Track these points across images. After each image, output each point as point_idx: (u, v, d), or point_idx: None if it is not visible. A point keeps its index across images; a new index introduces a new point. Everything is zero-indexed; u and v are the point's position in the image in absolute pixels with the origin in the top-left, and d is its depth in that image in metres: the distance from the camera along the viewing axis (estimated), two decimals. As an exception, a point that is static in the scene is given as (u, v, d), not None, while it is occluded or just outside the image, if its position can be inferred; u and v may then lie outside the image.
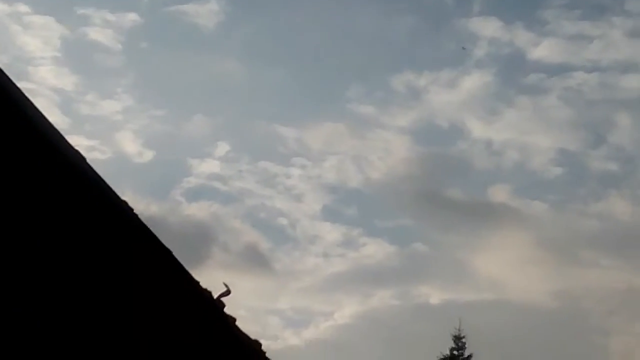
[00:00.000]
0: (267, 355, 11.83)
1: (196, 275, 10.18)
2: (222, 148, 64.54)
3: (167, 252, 9.67)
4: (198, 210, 60.20)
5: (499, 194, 64.58)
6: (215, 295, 10.32)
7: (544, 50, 59.78)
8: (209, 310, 10.27)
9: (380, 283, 60.70)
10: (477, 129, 65.34)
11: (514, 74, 65.59)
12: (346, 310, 59.56)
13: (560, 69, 65.56)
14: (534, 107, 62.00)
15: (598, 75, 59.92)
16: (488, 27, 62.17)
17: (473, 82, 61.05)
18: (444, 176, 66.20)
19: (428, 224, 66.21)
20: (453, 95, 61.54)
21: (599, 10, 64.02)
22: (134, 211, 9.16)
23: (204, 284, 10.36)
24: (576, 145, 64.44)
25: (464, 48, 58.48)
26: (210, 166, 61.73)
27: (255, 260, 60.83)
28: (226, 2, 61.70)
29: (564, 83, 60.95)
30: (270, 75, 65.98)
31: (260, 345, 11.58)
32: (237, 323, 11.13)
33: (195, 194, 59.96)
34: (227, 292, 10.43)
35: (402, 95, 62.38)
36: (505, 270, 63.16)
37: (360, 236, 64.56)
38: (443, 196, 62.74)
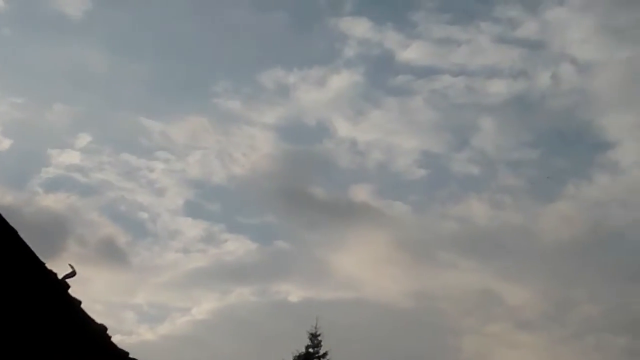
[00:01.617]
0: (112, 339, 11.83)
1: (50, 266, 10.12)
2: (84, 139, 63.42)
3: (12, 232, 9.58)
4: (55, 202, 59.00)
5: (361, 193, 65.91)
6: (60, 276, 10.26)
7: (412, 53, 61.39)
8: (54, 290, 10.22)
9: (240, 280, 60.95)
10: (343, 128, 66.48)
11: (382, 75, 67.17)
12: (204, 306, 59.46)
13: (428, 72, 67.50)
14: (400, 109, 63.57)
15: (464, 79, 61.94)
16: (358, 27, 63.44)
17: (342, 81, 62.13)
18: (309, 174, 67.03)
19: (291, 222, 66.91)
20: (321, 93, 62.40)
21: (467, 16, 66.27)
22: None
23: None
24: (440, 147, 66.32)
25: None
26: (70, 157, 60.63)
27: (112, 254, 60.07)
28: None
29: (431, 86, 62.74)
30: (135, 66, 65.31)
31: (105, 329, 11.56)
32: (85, 309, 11.12)
33: (53, 185, 58.77)
34: (73, 274, 10.41)
35: (270, 92, 62.77)
36: (364, 269, 64.48)
37: (222, 232, 64.56)
38: (306, 194, 63.57)
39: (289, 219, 67.74)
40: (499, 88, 63.65)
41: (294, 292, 62.63)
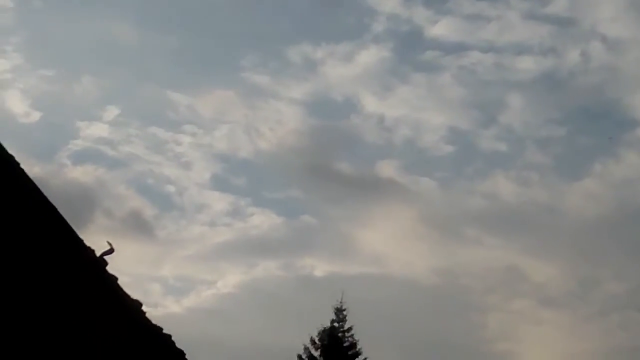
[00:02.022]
0: (147, 315, 11.99)
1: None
2: (112, 112, 63.64)
3: (52, 209, 9.72)
4: (83, 174, 59.34)
5: (388, 169, 65.70)
6: (98, 254, 10.40)
7: (441, 29, 60.88)
8: (92, 267, 10.36)
9: (266, 254, 61.07)
10: (371, 103, 66.28)
11: (410, 51, 66.49)
12: (230, 279, 59.66)
13: (457, 48, 67.03)
14: (428, 85, 63.15)
15: (493, 55, 61.40)
16: (388, 3, 62.88)
17: (370, 56, 61.76)
18: (335, 149, 66.90)
19: (316, 197, 66.85)
20: (349, 69, 62.10)
21: (497, -8, 65.22)
22: (21, 166, 9.19)
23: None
24: (468, 124, 65.96)
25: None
26: (98, 129, 60.81)
27: (139, 226, 60.36)
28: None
29: (459, 62, 62.27)
30: (164, 40, 65.27)
31: (141, 304, 11.73)
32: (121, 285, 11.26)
33: (81, 158, 58.98)
34: (111, 251, 10.52)
35: (297, 67, 62.61)
36: (389, 245, 64.45)
37: (248, 206, 64.72)
38: (332, 169, 63.49)
39: (315, 193, 67.84)
40: (527, 65, 63.14)
41: (319, 267, 62.84)
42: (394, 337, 47.58)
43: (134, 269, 52.80)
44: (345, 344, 38.00)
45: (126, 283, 11.20)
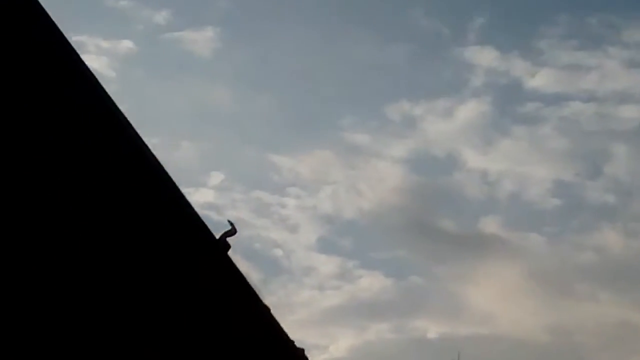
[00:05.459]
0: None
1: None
2: (217, 177, 64.21)
3: (171, 183, 9.38)
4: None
5: (492, 225, 64.08)
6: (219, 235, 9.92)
7: (540, 80, 59.68)
8: (214, 250, 9.90)
9: (376, 316, 59.91)
10: (472, 158, 65.14)
11: (510, 104, 65.34)
12: (341, 343, 58.55)
13: (557, 99, 65.63)
14: (530, 137, 61.84)
15: (594, 105, 59.97)
16: (484, 56, 62.14)
17: (469, 111, 60.91)
18: (438, 207, 65.78)
19: (422, 256, 65.67)
20: (449, 124, 61.36)
21: (595, 41, 64.21)
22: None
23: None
24: (572, 176, 64.26)
25: None
26: (204, 195, 61.36)
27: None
28: (222, 29, 61.88)
29: (560, 113, 60.90)
30: (262, 102, 65.69)
31: (269, 309, 11.03)
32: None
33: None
34: (233, 231, 10.01)
35: (396, 124, 62.23)
36: (498, 303, 62.32)
37: (356, 268, 63.94)
38: (435, 227, 62.34)
39: (420, 252, 66.72)
40: (630, 113, 61.25)
41: (431, 328, 61.36)
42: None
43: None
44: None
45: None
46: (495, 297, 59.78)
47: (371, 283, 60.98)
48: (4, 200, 7.54)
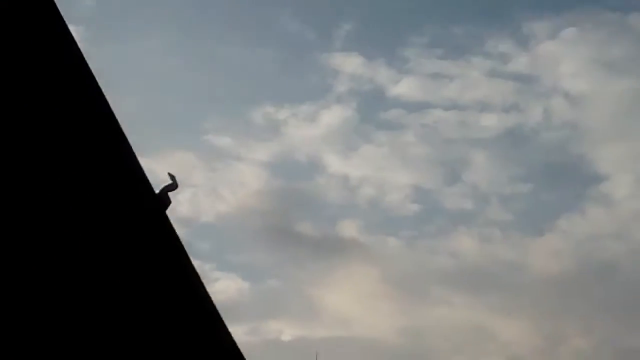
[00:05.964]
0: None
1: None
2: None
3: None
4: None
5: (350, 229, 65.12)
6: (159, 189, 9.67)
7: (403, 87, 61.16)
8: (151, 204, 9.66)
9: (231, 319, 59.58)
10: (335, 163, 65.99)
11: (373, 110, 66.63)
12: (196, 346, 58.00)
13: (419, 106, 67.35)
14: (391, 143, 63.18)
15: (456, 113, 61.81)
16: (350, 63, 63.18)
17: (333, 117, 61.73)
18: (299, 211, 66.22)
19: (280, 259, 65.87)
20: (312, 129, 61.96)
21: (459, 51, 66.19)
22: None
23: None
24: (432, 182, 66.05)
25: None
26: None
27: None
28: (85, 28, 60.37)
29: (422, 120, 62.48)
30: (122, 102, 64.51)
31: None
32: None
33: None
34: (175, 186, 9.78)
35: (260, 128, 62.32)
36: (354, 306, 63.34)
37: (212, 271, 63.40)
38: (295, 231, 62.70)
39: (278, 256, 66.89)
40: (490, 122, 63.59)
41: (286, 331, 61.55)
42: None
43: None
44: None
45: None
46: (352, 300, 60.65)
47: (227, 285, 60.67)
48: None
